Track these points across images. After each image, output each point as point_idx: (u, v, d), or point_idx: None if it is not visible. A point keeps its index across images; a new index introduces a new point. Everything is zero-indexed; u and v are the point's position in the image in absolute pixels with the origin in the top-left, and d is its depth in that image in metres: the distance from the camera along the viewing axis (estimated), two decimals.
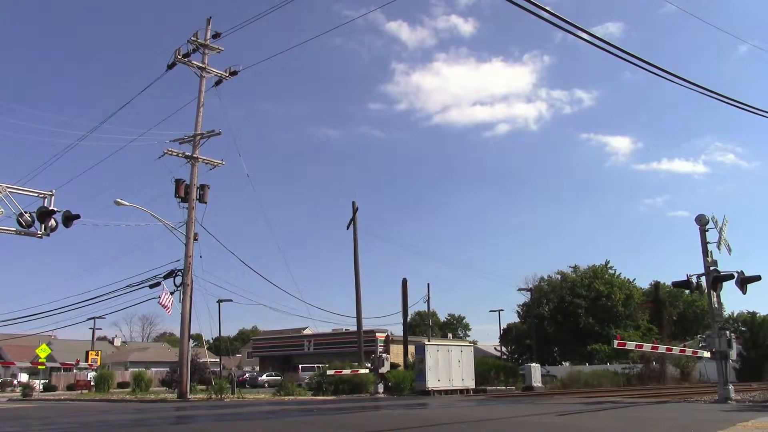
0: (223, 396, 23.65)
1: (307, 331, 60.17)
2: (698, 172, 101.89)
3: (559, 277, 59.70)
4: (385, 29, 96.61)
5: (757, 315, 45.45)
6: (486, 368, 31.90)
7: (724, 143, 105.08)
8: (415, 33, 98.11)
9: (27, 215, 17.68)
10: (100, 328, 57.74)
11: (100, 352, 48.24)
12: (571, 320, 53.91)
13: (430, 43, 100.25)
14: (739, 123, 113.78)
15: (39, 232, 17.85)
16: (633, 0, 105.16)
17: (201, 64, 25.25)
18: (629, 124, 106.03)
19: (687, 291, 28.82)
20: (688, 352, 23.58)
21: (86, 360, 46.36)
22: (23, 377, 51.75)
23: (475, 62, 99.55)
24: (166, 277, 23.42)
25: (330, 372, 26.48)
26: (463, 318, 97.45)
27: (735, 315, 55.97)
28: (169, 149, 24.05)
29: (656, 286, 56.98)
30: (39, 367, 40.85)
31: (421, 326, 68.59)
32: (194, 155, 24.43)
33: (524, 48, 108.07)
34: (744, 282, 17.26)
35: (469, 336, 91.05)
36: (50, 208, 18.38)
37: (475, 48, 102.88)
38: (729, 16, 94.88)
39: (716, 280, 16.98)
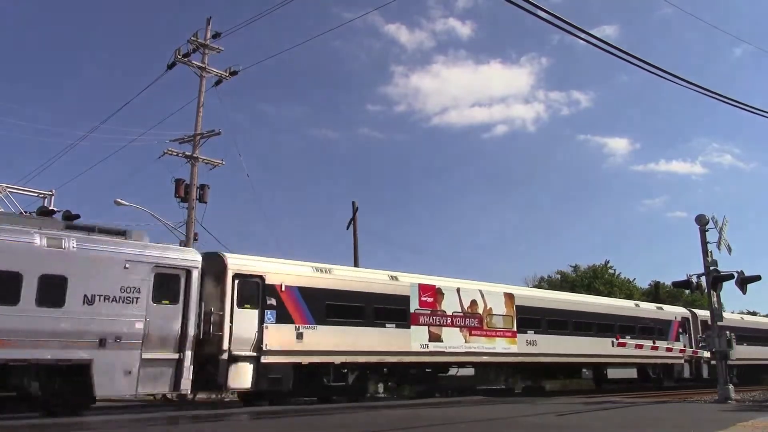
0: (223, 396, 23.63)
1: None
2: (696, 173, 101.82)
3: (559, 277, 59.67)
4: (384, 31, 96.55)
5: (758, 315, 45.47)
6: None
7: (721, 144, 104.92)
8: (413, 35, 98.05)
9: (27, 215, 17.71)
10: None
11: None
12: None
13: (429, 45, 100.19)
14: (736, 124, 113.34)
15: None
16: (629, 2, 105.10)
17: (201, 64, 25.26)
18: (626, 125, 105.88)
19: (687, 291, 28.99)
20: (688, 352, 23.63)
21: None
22: None
23: (474, 64, 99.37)
24: None
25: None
26: None
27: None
28: (169, 149, 24.05)
29: (656, 286, 56.86)
30: None
31: None
32: (194, 155, 24.42)
33: (522, 50, 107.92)
34: (744, 282, 17.29)
35: None
36: (50, 208, 18.45)
37: (474, 50, 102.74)
38: (725, 18, 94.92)
39: (716, 280, 17.00)
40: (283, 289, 15.95)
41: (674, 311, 29.74)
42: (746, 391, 22.08)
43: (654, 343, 24.03)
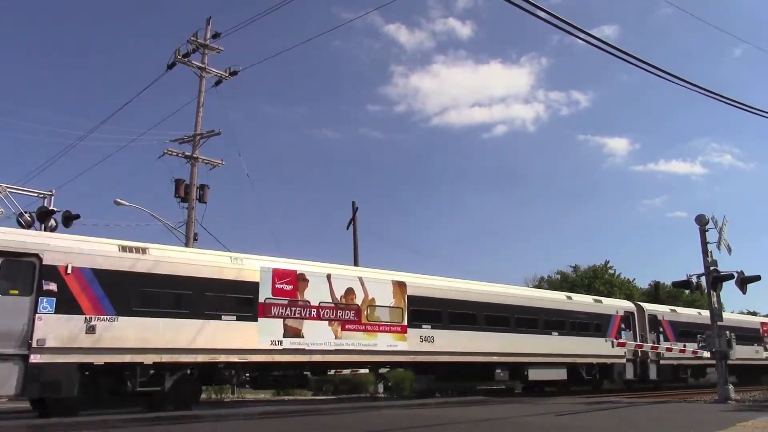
0: (222, 396, 23.66)
1: None
2: (696, 173, 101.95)
3: (558, 277, 59.71)
4: (384, 32, 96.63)
5: (758, 315, 45.54)
6: None
7: (720, 144, 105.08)
8: (413, 35, 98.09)
9: (27, 215, 17.75)
10: None
11: None
12: None
13: (429, 46, 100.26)
14: (735, 124, 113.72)
15: None
16: (628, 3, 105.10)
17: (201, 64, 25.29)
18: (626, 125, 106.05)
19: (687, 291, 28.90)
20: (688, 352, 23.63)
21: None
22: None
23: (474, 64, 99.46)
24: None
25: (330, 372, 26.41)
26: None
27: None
28: (169, 149, 24.10)
29: (656, 286, 56.93)
30: None
31: None
32: (194, 155, 24.46)
33: (522, 50, 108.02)
34: (744, 282, 17.31)
35: None
36: (50, 208, 18.46)
37: (473, 50, 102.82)
38: (725, 18, 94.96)
39: (716, 280, 17.01)
40: (70, 271, 12.94)
41: (615, 304, 27.25)
42: (746, 391, 22.07)
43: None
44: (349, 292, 17.70)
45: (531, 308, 22.78)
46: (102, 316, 13.26)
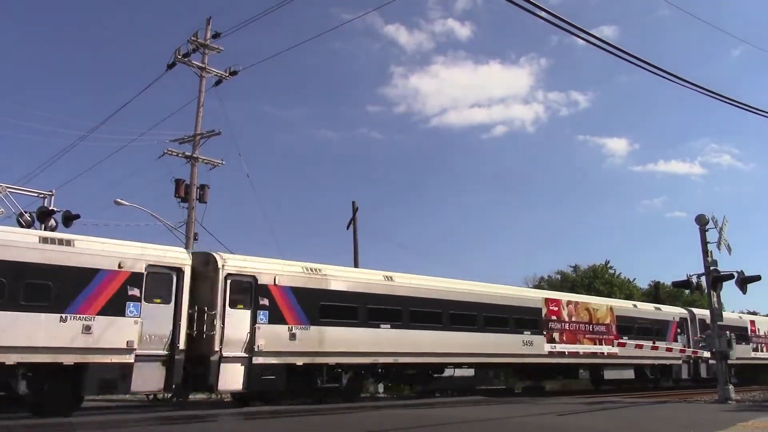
0: (222, 396, 23.63)
1: None
2: (695, 174, 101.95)
3: (559, 277, 59.68)
4: (383, 33, 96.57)
5: (758, 314, 45.53)
6: None
7: (719, 145, 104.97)
8: (412, 36, 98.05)
9: (27, 215, 17.73)
10: None
11: None
12: None
13: (428, 47, 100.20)
14: (734, 124, 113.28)
15: None
16: (628, 3, 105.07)
17: (201, 64, 25.27)
18: (625, 126, 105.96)
19: (687, 291, 28.80)
20: (688, 352, 23.61)
21: None
22: None
23: (473, 65, 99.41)
24: None
25: None
26: None
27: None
28: (169, 149, 24.08)
29: (656, 286, 56.95)
30: None
31: None
32: (194, 155, 24.44)
33: (521, 51, 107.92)
34: (744, 282, 17.30)
35: None
36: (50, 208, 18.45)
37: (473, 51, 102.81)
38: (725, 18, 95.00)
39: (716, 280, 17.00)
40: None
41: (108, 250, 13.10)
42: (746, 391, 22.06)
43: None
44: None
45: None
46: None
